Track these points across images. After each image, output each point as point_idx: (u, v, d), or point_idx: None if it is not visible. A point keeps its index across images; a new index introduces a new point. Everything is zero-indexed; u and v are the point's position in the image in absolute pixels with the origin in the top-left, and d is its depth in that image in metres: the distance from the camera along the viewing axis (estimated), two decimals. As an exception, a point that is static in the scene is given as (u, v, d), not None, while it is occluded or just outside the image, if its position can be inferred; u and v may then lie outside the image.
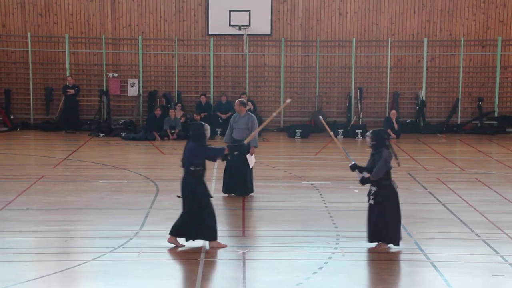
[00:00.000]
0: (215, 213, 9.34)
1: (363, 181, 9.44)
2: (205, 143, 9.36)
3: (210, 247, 9.22)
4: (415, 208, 11.87)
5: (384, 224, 9.19)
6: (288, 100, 10.83)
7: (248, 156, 12.11)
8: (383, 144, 9.34)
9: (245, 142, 9.87)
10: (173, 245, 9.27)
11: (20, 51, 21.50)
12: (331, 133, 10.52)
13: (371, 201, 9.28)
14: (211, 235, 9.24)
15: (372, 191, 9.31)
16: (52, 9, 21.27)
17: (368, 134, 9.51)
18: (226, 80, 21.84)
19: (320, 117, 10.89)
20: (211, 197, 9.35)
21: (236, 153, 9.50)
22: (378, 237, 9.30)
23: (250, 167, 12.29)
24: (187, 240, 9.27)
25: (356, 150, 18.46)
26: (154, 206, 11.62)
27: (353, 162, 9.65)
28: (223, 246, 9.25)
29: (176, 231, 9.30)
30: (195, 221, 9.15)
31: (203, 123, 9.50)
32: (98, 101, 21.36)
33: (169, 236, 9.33)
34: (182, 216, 9.31)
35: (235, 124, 12.46)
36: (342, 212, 11.40)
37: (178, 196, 9.34)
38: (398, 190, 9.37)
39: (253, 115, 12.72)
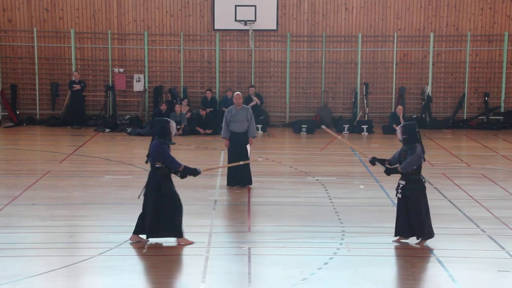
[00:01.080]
0: (181, 210, 9.26)
1: (388, 172, 9.45)
2: (170, 140, 9.31)
3: (178, 244, 9.19)
4: (421, 203, 11.85)
5: (414, 219, 9.16)
6: (260, 159, 11.21)
7: (247, 146, 12.49)
8: (414, 138, 9.29)
9: (203, 170, 9.72)
10: (136, 242, 9.21)
11: (26, 46, 21.54)
12: (339, 137, 10.63)
13: (399, 195, 9.27)
14: (176, 232, 9.20)
15: (401, 185, 9.30)
16: (58, 4, 21.29)
17: (398, 128, 9.47)
18: (231, 76, 21.83)
19: (323, 126, 10.87)
20: (177, 194, 9.29)
21: (183, 175, 9.39)
22: (406, 232, 9.27)
23: (248, 157, 12.47)
24: (147, 237, 9.20)
25: (362, 145, 18.43)
26: (160, 201, 11.62)
27: (370, 157, 9.63)
28: (191, 243, 9.21)
29: (138, 228, 9.24)
30: (157, 218, 9.09)
31: (169, 119, 9.44)
32: (104, 96, 21.39)
33: (132, 235, 9.27)
34: (144, 213, 9.24)
35: (233, 117, 12.58)
36: (348, 207, 11.40)
37: (139, 196, 9.29)
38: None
39: (248, 107, 13.02)
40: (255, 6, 20.87)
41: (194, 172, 9.49)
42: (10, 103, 21.35)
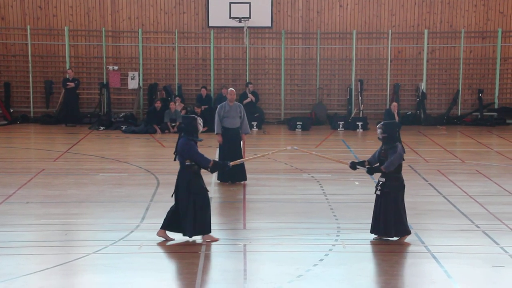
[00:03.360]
0: (210, 207, 9.30)
1: (370, 171, 9.45)
2: (197, 137, 9.31)
3: (203, 240, 9.21)
4: (416, 200, 11.87)
5: (390, 216, 9.18)
6: (289, 147, 11.10)
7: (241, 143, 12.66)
8: (394, 137, 9.29)
9: (231, 164, 9.77)
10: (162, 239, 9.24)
11: (20, 44, 21.47)
12: (313, 153, 10.71)
13: (378, 192, 9.28)
14: (205, 229, 9.22)
15: (380, 182, 9.31)
16: (52, 2, 21.22)
17: (378, 126, 9.46)
18: (226, 73, 21.81)
19: (290, 147, 10.87)
20: (207, 191, 9.32)
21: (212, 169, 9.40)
22: (378, 229, 9.31)
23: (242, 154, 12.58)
24: (184, 235, 9.21)
25: (357, 142, 18.45)
26: (155, 199, 11.63)
27: (349, 162, 9.63)
28: (216, 240, 9.24)
29: (168, 225, 9.25)
30: (189, 216, 9.10)
31: (196, 116, 9.45)
32: (98, 94, 21.34)
33: (160, 229, 9.28)
34: (175, 210, 9.23)
35: (226, 113, 12.66)
36: (343, 204, 11.41)
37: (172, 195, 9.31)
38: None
39: (240, 104, 13.13)
40: (249, 3, 20.86)
41: (224, 166, 9.51)
42: (3, 101, 21.28)
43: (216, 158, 14.59)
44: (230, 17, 20.90)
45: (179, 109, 20.00)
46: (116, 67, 21.49)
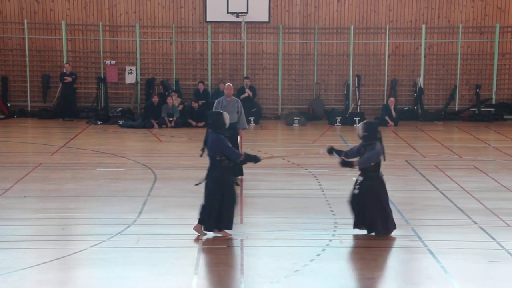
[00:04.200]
0: (236, 204, 9.31)
1: (343, 164, 9.37)
2: (224, 131, 9.31)
3: (220, 235, 9.21)
4: (413, 195, 11.90)
5: (374, 213, 9.19)
6: (321, 151, 11.05)
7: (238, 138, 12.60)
8: (374, 137, 9.30)
9: (263, 158, 9.71)
10: (196, 234, 9.23)
11: (17, 38, 21.41)
12: (302, 154, 10.38)
13: (356, 191, 9.27)
14: (229, 225, 9.23)
15: (359, 181, 9.31)
16: (49, -4, 21.17)
17: (360, 124, 9.47)
18: (224, 68, 21.78)
19: (274, 155, 10.64)
20: (238, 185, 9.32)
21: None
22: (361, 224, 9.32)
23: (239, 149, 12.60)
24: (205, 230, 9.20)
25: (354, 137, 18.41)
26: (152, 194, 11.63)
27: (328, 145, 9.57)
28: (229, 235, 9.26)
29: (202, 219, 9.22)
30: (216, 211, 9.09)
31: (221, 111, 9.41)
32: (95, 88, 21.31)
33: (196, 224, 9.25)
34: (204, 205, 9.22)
35: (223, 108, 12.64)
36: (340, 199, 11.39)
37: (196, 184, 9.27)
38: (385, 179, 9.39)
39: (238, 99, 13.10)
40: (247, -2, 20.83)
41: (255, 159, 9.42)
42: (1, 96, 21.24)
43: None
44: (227, 12, 20.87)
45: (176, 104, 19.98)
46: (113, 62, 21.45)
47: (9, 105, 21.25)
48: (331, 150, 9.53)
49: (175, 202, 11.14)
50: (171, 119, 19.52)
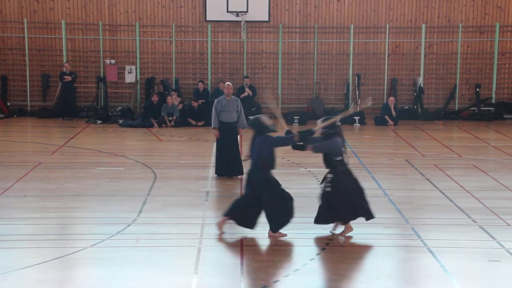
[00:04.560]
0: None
1: (301, 136, 9.25)
2: (270, 129, 9.38)
3: (276, 236, 9.20)
4: (412, 194, 11.90)
5: (350, 205, 9.21)
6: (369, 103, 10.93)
7: (238, 137, 12.67)
8: (332, 130, 9.33)
9: (315, 129, 9.62)
10: (278, 237, 9.21)
11: (17, 37, 21.41)
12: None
13: (328, 189, 9.24)
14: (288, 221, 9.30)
15: (329, 178, 9.29)
16: (49, -5, 21.17)
17: (320, 120, 9.46)
18: (223, 67, 21.78)
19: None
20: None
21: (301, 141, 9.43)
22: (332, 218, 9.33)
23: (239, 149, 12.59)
24: (275, 231, 9.20)
25: (354, 137, 18.45)
26: (152, 193, 11.63)
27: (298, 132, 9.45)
28: (284, 235, 9.29)
29: (274, 225, 9.21)
30: (275, 210, 9.11)
31: (259, 115, 9.53)
32: (95, 88, 21.31)
33: (270, 232, 9.23)
34: (265, 210, 9.20)
35: (223, 107, 12.66)
36: (340, 198, 11.39)
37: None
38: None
39: (237, 98, 13.10)
40: (247, -3, 20.83)
41: (309, 132, 9.47)
42: (0, 95, 21.23)
43: (213, 152, 14.58)
44: (227, 11, 20.86)
45: (176, 103, 19.97)
46: (113, 61, 21.45)
47: (8, 104, 21.25)
48: (288, 132, 9.47)
49: (174, 202, 11.14)
50: (170, 118, 19.52)
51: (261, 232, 9.51)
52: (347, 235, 9.25)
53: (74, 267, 8.19)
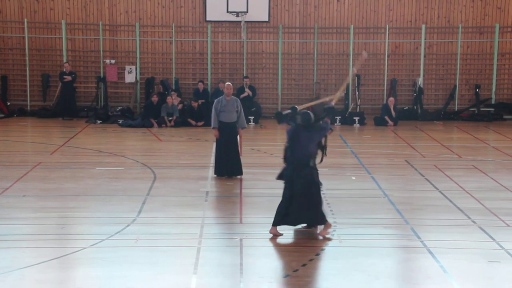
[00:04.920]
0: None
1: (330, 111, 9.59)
2: (316, 120, 9.49)
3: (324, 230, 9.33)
4: (412, 195, 11.90)
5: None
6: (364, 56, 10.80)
7: (238, 137, 12.69)
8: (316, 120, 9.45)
9: (334, 100, 9.88)
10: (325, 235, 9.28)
11: (17, 37, 21.41)
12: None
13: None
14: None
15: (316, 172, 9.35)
16: (49, -5, 21.17)
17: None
18: (223, 67, 21.78)
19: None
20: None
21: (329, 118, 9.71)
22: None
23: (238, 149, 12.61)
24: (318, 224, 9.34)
25: (354, 137, 18.46)
26: (151, 193, 11.62)
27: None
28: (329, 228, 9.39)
29: (319, 220, 9.32)
30: (319, 205, 9.30)
31: (309, 112, 9.51)
32: (95, 88, 21.30)
33: (321, 227, 9.31)
34: (314, 206, 9.27)
35: (223, 107, 12.66)
36: (339, 198, 11.41)
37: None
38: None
39: (237, 98, 13.13)
40: (247, -3, 20.82)
41: (332, 110, 9.90)
42: (0, 95, 21.23)
43: (213, 152, 14.60)
44: (227, 11, 20.86)
45: (176, 103, 19.97)
46: (113, 61, 21.45)
47: (8, 104, 21.25)
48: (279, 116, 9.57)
49: (174, 202, 11.14)
50: (170, 118, 19.52)
51: (260, 233, 9.51)
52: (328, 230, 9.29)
53: (74, 267, 8.19)
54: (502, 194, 11.96)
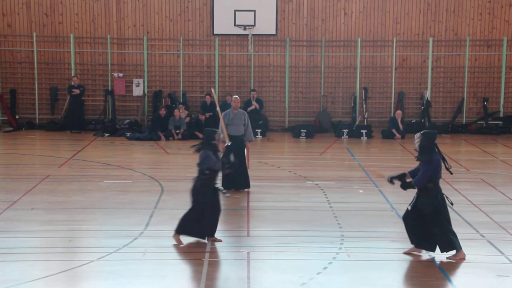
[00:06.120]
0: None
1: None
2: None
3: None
4: (420, 208, 11.84)
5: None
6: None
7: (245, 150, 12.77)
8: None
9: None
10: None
11: (26, 51, 21.56)
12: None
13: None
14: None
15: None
16: (58, 9, 21.32)
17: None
18: (231, 80, 21.85)
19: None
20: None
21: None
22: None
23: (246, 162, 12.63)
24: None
25: (361, 150, 18.43)
26: (159, 206, 11.63)
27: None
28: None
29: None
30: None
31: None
32: (103, 101, 21.39)
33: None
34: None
35: (230, 121, 12.68)
36: (347, 212, 11.39)
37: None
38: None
39: (244, 111, 13.17)
40: (254, 10, 20.91)
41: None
42: (9, 108, 21.36)
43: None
44: (235, 25, 20.95)
45: (184, 116, 20.03)
46: (121, 74, 21.56)
47: (17, 117, 21.36)
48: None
49: (181, 214, 11.13)
50: (178, 131, 19.57)
51: (267, 246, 9.49)
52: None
53: (81, 280, 8.20)
54: (510, 207, 11.91)
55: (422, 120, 21.48)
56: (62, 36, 21.46)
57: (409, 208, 9.10)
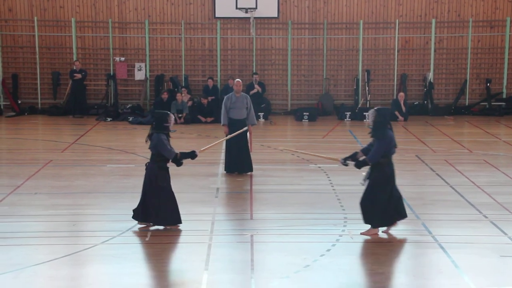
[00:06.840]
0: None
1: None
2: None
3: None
4: (423, 190, 11.87)
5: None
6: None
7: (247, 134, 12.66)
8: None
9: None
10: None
11: (27, 35, 21.50)
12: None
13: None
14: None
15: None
16: (58, -7, 21.23)
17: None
18: (233, 64, 21.78)
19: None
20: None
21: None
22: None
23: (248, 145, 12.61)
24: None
25: (364, 133, 18.39)
26: (162, 190, 11.63)
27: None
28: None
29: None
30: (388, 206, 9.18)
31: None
32: (105, 85, 21.37)
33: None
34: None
35: (232, 104, 12.67)
36: (350, 194, 11.39)
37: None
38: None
39: (247, 94, 13.12)
40: (256, -7, 20.79)
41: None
42: (11, 93, 21.35)
43: (223, 149, 14.63)
44: (236, 8, 20.84)
45: (186, 100, 20.00)
46: (122, 58, 21.50)
47: (19, 102, 21.36)
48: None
49: (185, 198, 11.14)
50: (180, 115, 19.55)
51: (271, 229, 9.52)
52: None
53: (86, 264, 8.24)
54: (513, 188, 11.91)
55: (425, 102, 21.43)
56: (63, 20, 21.38)
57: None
